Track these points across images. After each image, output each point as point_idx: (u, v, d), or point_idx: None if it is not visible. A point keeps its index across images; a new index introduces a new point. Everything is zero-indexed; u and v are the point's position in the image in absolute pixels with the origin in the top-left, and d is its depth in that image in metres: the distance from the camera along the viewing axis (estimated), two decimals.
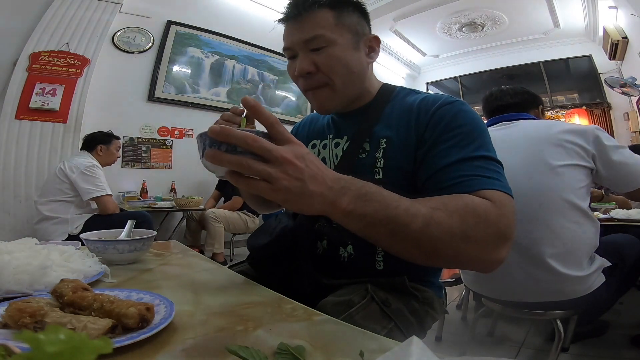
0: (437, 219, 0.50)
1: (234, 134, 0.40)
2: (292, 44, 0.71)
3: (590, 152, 1.08)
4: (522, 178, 1.07)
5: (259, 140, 0.41)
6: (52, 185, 2.31)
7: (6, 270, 0.50)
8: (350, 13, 0.71)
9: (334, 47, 0.68)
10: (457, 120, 0.64)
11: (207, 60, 4.03)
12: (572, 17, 4.67)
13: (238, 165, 0.41)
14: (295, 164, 0.43)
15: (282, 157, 0.42)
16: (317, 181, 0.44)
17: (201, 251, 3.09)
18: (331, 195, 0.46)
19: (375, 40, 0.75)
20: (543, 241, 1.04)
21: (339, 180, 0.47)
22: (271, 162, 0.42)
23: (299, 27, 0.69)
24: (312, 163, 0.45)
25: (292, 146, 0.44)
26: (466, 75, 6.28)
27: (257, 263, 0.78)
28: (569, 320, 1.18)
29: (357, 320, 0.58)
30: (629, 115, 4.66)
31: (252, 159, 0.41)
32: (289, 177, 0.42)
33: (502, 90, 1.35)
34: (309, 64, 0.69)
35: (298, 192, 0.43)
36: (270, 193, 0.43)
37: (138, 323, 0.38)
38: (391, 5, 4.52)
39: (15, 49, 2.88)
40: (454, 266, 0.70)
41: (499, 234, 0.53)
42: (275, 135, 0.45)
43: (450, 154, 0.61)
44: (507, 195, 0.57)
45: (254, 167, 0.41)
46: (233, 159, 0.41)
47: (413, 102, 0.71)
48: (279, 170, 0.42)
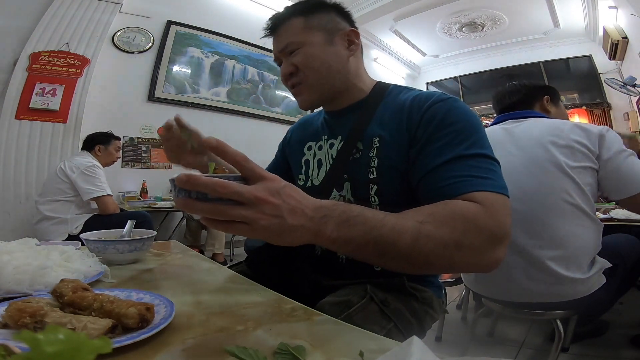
0: (426, 232, 0.49)
1: (202, 182, 0.39)
2: (275, 55, 0.79)
3: (595, 152, 1.05)
4: (527, 179, 1.05)
5: (228, 186, 0.39)
6: (52, 185, 2.31)
7: (6, 270, 0.50)
8: (320, 14, 0.75)
9: (306, 47, 0.73)
10: (450, 117, 0.63)
11: (207, 60, 4.02)
12: (572, 17, 4.67)
13: (211, 213, 0.41)
14: (271, 202, 0.41)
15: (256, 198, 0.40)
16: (296, 214, 0.43)
17: (201, 251, 3.09)
18: (313, 226, 0.45)
19: (353, 33, 0.77)
20: (545, 243, 1.03)
21: (319, 208, 0.46)
22: (246, 204, 0.41)
23: (277, 39, 0.77)
24: (289, 196, 0.44)
25: (266, 183, 0.43)
26: (466, 75, 6.28)
27: (255, 265, 0.78)
28: (569, 320, 1.18)
29: (355, 321, 0.58)
30: (629, 115, 4.65)
31: (224, 205, 0.40)
32: (266, 216, 0.41)
33: (502, 91, 1.32)
34: (288, 67, 0.75)
35: (278, 230, 0.42)
36: (249, 234, 0.42)
37: (138, 323, 0.38)
38: (391, 5, 4.52)
39: (15, 49, 2.88)
40: (452, 272, 0.70)
41: (492, 236, 0.52)
42: (246, 174, 0.43)
43: (442, 153, 0.60)
44: (499, 195, 0.56)
45: (228, 213, 0.40)
46: (205, 207, 0.40)
47: (405, 100, 0.70)
48: (254, 211, 0.41)
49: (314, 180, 0.79)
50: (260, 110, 4.44)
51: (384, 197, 0.68)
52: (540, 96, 1.29)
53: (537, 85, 1.31)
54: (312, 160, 0.81)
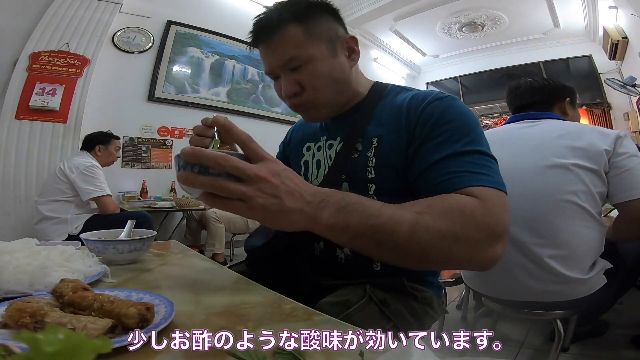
0: (424, 223, 0.49)
1: (205, 155, 0.40)
2: (271, 69, 0.70)
3: (610, 151, 1.02)
4: (536, 178, 1.05)
5: (231, 160, 0.40)
6: (52, 185, 2.31)
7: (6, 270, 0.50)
8: (318, 19, 0.69)
9: (313, 63, 0.67)
10: (447, 115, 0.63)
11: (207, 60, 4.02)
12: (572, 17, 4.67)
13: (211, 187, 0.41)
14: (271, 181, 0.42)
15: (256, 175, 0.41)
16: (294, 197, 0.43)
17: (201, 251, 3.09)
18: (310, 211, 0.45)
19: (352, 40, 0.73)
20: (549, 242, 1.03)
21: (317, 194, 0.46)
22: (246, 181, 0.41)
23: (272, 51, 0.68)
24: (289, 179, 0.44)
25: (267, 163, 0.43)
26: (466, 75, 6.28)
27: (255, 265, 0.78)
28: (569, 320, 1.18)
29: (355, 321, 0.57)
30: (629, 115, 4.66)
31: (225, 180, 0.41)
32: (264, 195, 0.41)
33: (522, 87, 1.26)
34: (293, 85, 0.68)
35: (275, 210, 0.42)
36: (246, 212, 0.42)
37: (138, 323, 0.38)
38: (391, 5, 4.52)
39: (15, 49, 2.88)
40: (449, 268, 0.70)
41: (489, 231, 0.52)
42: (249, 153, 0.44)
43: (439, 150, 0.60)
44: (497, 191, 0.55)
45: (227, 188, 0.41)
46: (206, 180, 0.41)
47: (403, 100, 0.70)
48: (253, 189, 0.41)
49: (313, 181, 0.79)
50: (260, 110, 4.44)
51: (382, 196, 0.68)
52: (563, 97, 1.25)
53: (560, 85, 1.26)
54: (311, 161, 0.81)
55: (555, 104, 1.23)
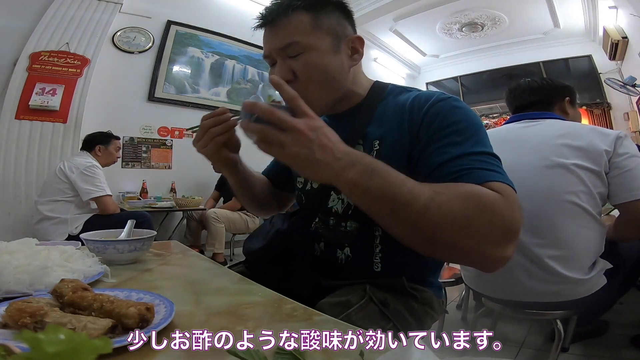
0: (439, 201, 0.49)
1: (260, 107, 0.48)
2: (269, 51, 0.69)
3: (610, 152, 1.02)
4: (537, 178, 1.05)
5: (276, 112, 0.47)
6: (52, 185, 2.31)
7: (6, 270, 0.50)
8: (329, 14, 0.68)
9: (312, 53, 0.66)
10: (452, 117, 0.62)
11: (207, 60, 4.02)
12: (572, 17, 4.67)
13: (259, 133, 0.48)
14: (306, 134, 0.47)
15: (294, 127, 0.47)
16: (325, 151, 0.48)
17: (201, 251, 3.09)
18: (338, 166, 0.48)
19: (358, 41, 0.72)
20: (549, 242, 1.03)
21: (349, 154, 0.50)
22: (286, 131, 0.47)
23: (275, 33, 0.68)
24: (324, 135, 0.49)
25: (308, 119, 0.49)
26: (466, 75, 6.27)
27: (253, 267, 0.78)
28: (569, 320, 1.18)
29: (355, 321, 0.58)
30: (629, 115, 4.65)
31: (271, 128, 0.47)
32: (298, 145, 0.47)
33: (521, 88, 1.27)
34: (286, 72, 0.66)
35: (305, 159, 0.47)
36: (281, 157, 0.49)
37: (138, 323, 0.38)
38: (391, 5, 4.51)
39: (15, 49, 2.88)
40: (454, 259, 0.68)
41: (505, 227, 0.50)
42: (295, 109, 0.50)
43: (447, 151, 0.59)
44: (513, 190, 0.54)
45: (270, 134, 0.47)
46: (256, 127, 0.48)
47: (405, 101, 0.69)
48: (290, 138, 0.47)
49: (314, 183, 0.79)
50: None
51: None
52: (562, 97, 1.25)
53: (559, 85, 1.26)
54: None
55: (554, 104, 1.23)
